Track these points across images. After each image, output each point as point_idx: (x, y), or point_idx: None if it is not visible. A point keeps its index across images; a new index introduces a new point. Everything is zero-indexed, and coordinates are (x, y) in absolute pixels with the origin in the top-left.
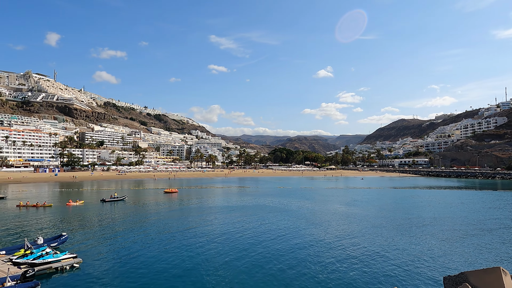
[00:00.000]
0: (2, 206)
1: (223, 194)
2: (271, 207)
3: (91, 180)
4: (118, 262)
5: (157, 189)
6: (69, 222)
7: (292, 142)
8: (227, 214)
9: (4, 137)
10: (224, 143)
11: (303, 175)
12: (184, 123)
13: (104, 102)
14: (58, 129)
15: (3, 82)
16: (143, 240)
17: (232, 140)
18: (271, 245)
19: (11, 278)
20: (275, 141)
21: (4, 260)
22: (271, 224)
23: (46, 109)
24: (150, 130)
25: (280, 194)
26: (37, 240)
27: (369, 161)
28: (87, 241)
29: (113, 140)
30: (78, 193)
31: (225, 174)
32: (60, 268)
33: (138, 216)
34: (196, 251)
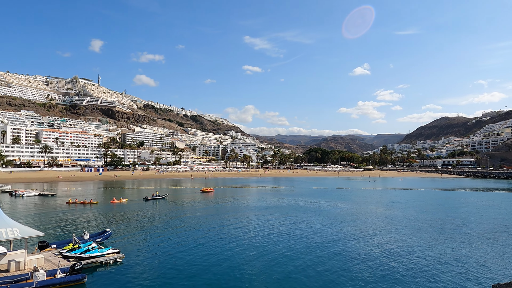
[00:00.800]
0: (53, 203)
1: (258, 194)
2: (306, 208)
3: (132, 179)
4: (158, 258)
5: (193, 188)
6: (113, 219)
7: (327, 142)
8: (262, 214)
9: (54, 139)
10: (259, 143)
11: (339, 175)
12: (219, 124)
13: (144, 104)
14: (102, 131)
15: (53, 87)
16: (182, 237)
17: (267, 140)
18: (304, 245)
19: (61, 270)
20: (310, 141)
21: (55, 253)
22: (306, 224)
23: (91, 112)
24: (186, 131)
25: (315, 194)
26: (83, 235)
27: (409, 161)
28: (129, 237)
29: (152, 140)
30: (120, 192)
31: (259, 174)
32: (104, 262)
33: (177, 214)
34: (231, 249)
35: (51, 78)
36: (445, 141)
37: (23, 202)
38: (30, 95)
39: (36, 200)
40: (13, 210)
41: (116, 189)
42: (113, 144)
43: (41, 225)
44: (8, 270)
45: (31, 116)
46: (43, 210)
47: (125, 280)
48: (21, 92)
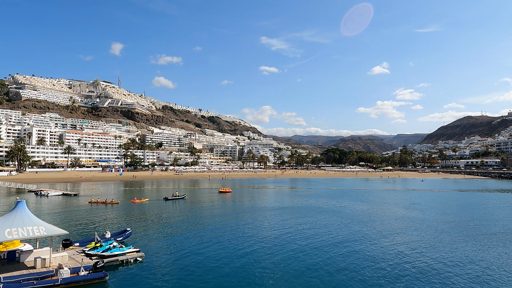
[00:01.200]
0: (76, 202)
1: (275, 194)
2: (323, 208)
3: (151, 179)
4: (177, 257)
5: (211, 188)
6: (133, 218)
7: (345, 142)
8: (279, 215)
9: (77, 140)
10: (276, 144)
11: (358, 176)
12: (236, 125)
13: (162, 106)
14: (122, 132)
15: (76, 90)
16: (200, 237)
17: (284, 140)
18: (321, 246)
19: (84, 268)
20: (328, 141)
21: (78, 251)
22: (322, 225)
23: (112, 114)
24: (204, 132)
25: (333, 195)
26: (105, 234)
27: (430, 162)
28: (149, 236)
29: (170, 141)
30: (140, 192)
31: (275, 175)
32: (125, 261)
33: (195, 214)
34: (248, 249)
35: (74, 81)
36: (468, 141)
37: (48, 201)
38: (54, 98)
39: (60, 199)
40: (38, 209)
41: (136, 189)
42: (133, 145)
43: (65, 224)
44: (35, 267)
45: (55, 118)
46: (66, 209)
47: (145, 278)
48: (45, 95)
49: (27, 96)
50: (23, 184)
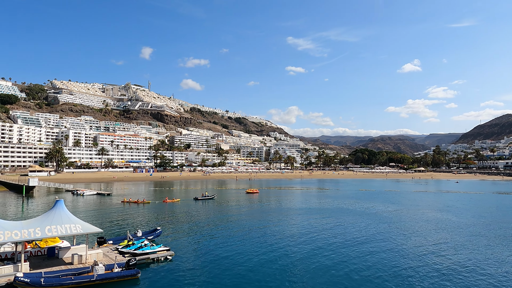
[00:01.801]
0: (109, 201)
1: (302, 195)
2: (352, 210)
3: (180, 179)
4: (206, 256)
5: (238, 189)
6: (164, 217)
7: (374, 142)
8: (306, 216)
9: (110, 142)
10: (303, 145)
11: (388, 177)
12: (262, 125)
13: (190, 107)
14: (152, 134)
15: (108, 94)
16: (228, 237)
17: (311, 141)
18: (348, 248)
19: (118, 265)
20: (356, 142)
21: (112, 249)
22: (350, 227)
23: (142, 116)
24: (231, 133)
25: (362, 197)
26: (137, 232)
27: (466, 163)
28: (179, 235)
29: (198, 143)
30: (169, 192)
31: (301, 176)
32: (156, 259)
33: (224, 214)
34: (275, 250)
35: (107, 85)
36: (508, 141)
37: (83, 201)
38: (88, 101)
39: (94, 198)
40: (75, 208)
41: (165, 189)
42: (162, 146)
43: (99, 222)
44: (72, 263)
45: (90, 121)
46: (100, 208)
47: (175, 276)
48: (81, 99)
49: (64, 100)
50: (61, 184)
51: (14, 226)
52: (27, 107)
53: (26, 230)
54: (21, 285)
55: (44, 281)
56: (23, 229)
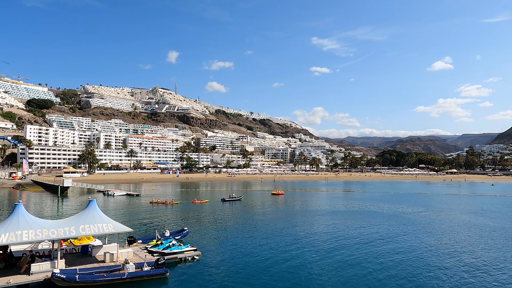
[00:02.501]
0: (138, 202)
1: (328, 197)
2: (379, 213)
3: (205, 181)
4: (233, 257)
5: (263, 190)
6: (192, 218)
7: (403, 143)
8: (331, 218)
9: (138, 144)
10: (328, 146)
11: (417, 179)
12: (287, 127)
13: (215, 110)
14: (178, 136)
15: (137, 97)
16: (254, 238)
17: (336, 142)
18: (372, 251)
19: (147, 264)
20: (383, 143)
21: (141, 248)
22: (377, 230)
23: (169, 119)
24: (255, 135)
25: (390, 199)
26: (164, 232)
27: (502, 164)
28: (206, 236)
29: (223, 144)
30: (195, 193)
31: (326, 177)
32: (183, 259)
33: (250, 215)
34: (300, 252)
35: (135, 89)
36: None
37: (114, 201)
38: (118, 105)
39: (124, 199)
40: (105, 208)
41: (191, 190)
42: (188, 148)
43: (129, 222)
44: (104, 260)
45: (119, 124)
46: (130, 208)
47: (202, 276)
48: (111, 102)
49: (95, 104)
50: (93, 185)
51: (51, 225)
52: (61, 111)
53: (62, 228)
54: (57, 281)
55: (79, 277)
56: (59, 228)
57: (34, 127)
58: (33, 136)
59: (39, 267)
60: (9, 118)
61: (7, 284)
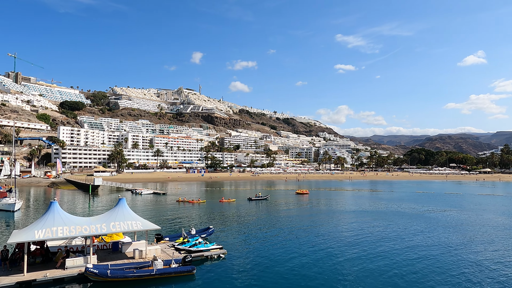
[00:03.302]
0: (164, 200)
1: (353, 197)
2: (407, 213)
3: (230, 180)
4: (258, 256)
5: (287, 190)
6: (218, 217)
7: (432, 141)
8: (358, 218)
9: (164, 144)
10: (353, 145)
11: (448, 179)
12: (311, 126)
13: (239, 109)
14: (203, 136)
15: (162, 98)
16: (280, 238)
17: (362, 141)
18: (400, 254)
19: (175, 261)
20: (411, 141)
21: (169, 245)
22: (407, 231)
23: (193, 119)
24: (279, 134)
25: (418, 199)
26: (191, 230)
27: None
28: (232, 234)
29: (247, 144)
30: (219, 192)
31: (350, 177)
32: (209, 257)
33: (276, 215)
34: (326, 252)
35: (161, 90)
36: None
37: (141, 199)
38: (145, 106)
39: (151, 197)
40: (134, 206)
41: (216, 189)
42: (213, 148)
43: (156, 220)
44: (134, 257)
45: (146, 124)
46: (157, 207)
47: (228, 274)
48: (138, 104)
49: (123, 105)
50: (122, 184)
51: (84, 222)
52: (92, 113)
53: (94, 225)
54: (90, 275)
55: (110, 272)
56: (91, 225)
57: (67, 128)
58: (66, 137)
59: (73, 262)
60: (44, 120)
61: (44, 278)
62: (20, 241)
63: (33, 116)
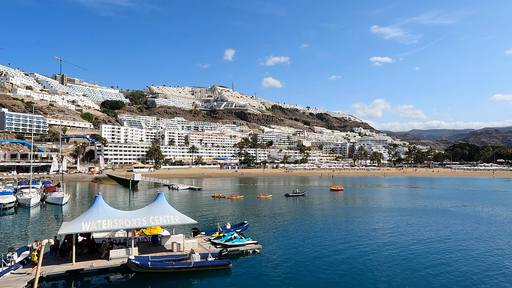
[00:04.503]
0: (199, 195)
1: (391, 194)
2: (449, 211)
3: (263, 176)
4: (293, 251)
5: (321, 186)
6: (253, 212)
7: (477, 136)
8: (395, 215)
9: (199, 140)
10: (390, 140)
11: (495, 175)
12: (345, 121)
13: (272, 105)
14: (236, 132)
15: (197, 96)
16: (316, 235)
17: (399, 136)
18: (442, 254)
19: (211, 255)
20: (454, 136)
21: (205, 239)
22: (446, 230)
23: (227, 115)
24: (312, 129)
25: (462, 197)
26: (226, 225)
27: None
28: (267, 230)
29: (280, 140)
30: (253, 188)
31: (384, 173)
32: (244, 251)
33: (311, 211)
34: (361, 250)
35: (195, 87)
36: None
37: (178, 194)
38: (180, 104)
39: (187, 192)
40: (171, 201)
41: (249, 185)
42: (246, 144)
43: (192, 214)
44: (172, 250)
45: (182, 122)
46: (192, 201)
47: (263, 269)
48: (174, 102)
49: (160, 103)
50: (159, 179)
51: (125, 215)
52: (130, 111)
53: (135, 219)
54: (133, 266)
55: (151, 264)
56: (132, 218)
57: (108, 126)
58: (107, 135)
59: (116, 253)
60: (88, 119)
61: (91, 267)
62: (69, 233)
63: (78, 115)
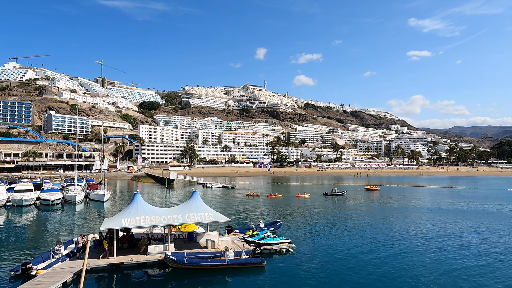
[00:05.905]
0: (233, 194)
1: (430, 194)
2: (495, 213)
3: (296, 175)
4: (327, 251)
5: (356, 185)
6: (288, 211)
7: None
8: (434, 216)
9: (232, 139)
10: (429, 137)
11: None
12: (381, 118)
13: (304, 104)
14: (268, 131)
15: (229, 95)
16: (351, 235)
17: (440, 133)
18: (485, 258)
19: (245, 252)
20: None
21: (239, 237)
22: (492, 233)
23: (259, 114)
24: (346, 127)
25: (511, 198)
26: (259, 223)
27: None
28: (300, 229)
29: (313, 138)
30: (286, 187)
31: (421, 173)
32: (278, 250)
33: (346, 211)
34: (397, 251)
35: (228, 87)
36: None
37: (211, 192)
38: (213, 103)
39: (220, 191)
40: (205, 199)
41: (282, 184)
42: (278, 143)
43: (226, 212)
44: (207, 247)
45: (215, 121)
46: (226, 200)
47: (297, 268)
48: (207, 102)
49: (194, 104)
50: (194, 178)
51: (162, 212)
52: (166, 112)
53: (171, 216)
54: (169, 262)
55: (187, 260)
56: (169, 215)
57: (145, 127)
58: (145, 135)
59: (154, 249)
60: (126, 119)
61: (131, 261)
62: (110, 228)
63: (117, 116)
